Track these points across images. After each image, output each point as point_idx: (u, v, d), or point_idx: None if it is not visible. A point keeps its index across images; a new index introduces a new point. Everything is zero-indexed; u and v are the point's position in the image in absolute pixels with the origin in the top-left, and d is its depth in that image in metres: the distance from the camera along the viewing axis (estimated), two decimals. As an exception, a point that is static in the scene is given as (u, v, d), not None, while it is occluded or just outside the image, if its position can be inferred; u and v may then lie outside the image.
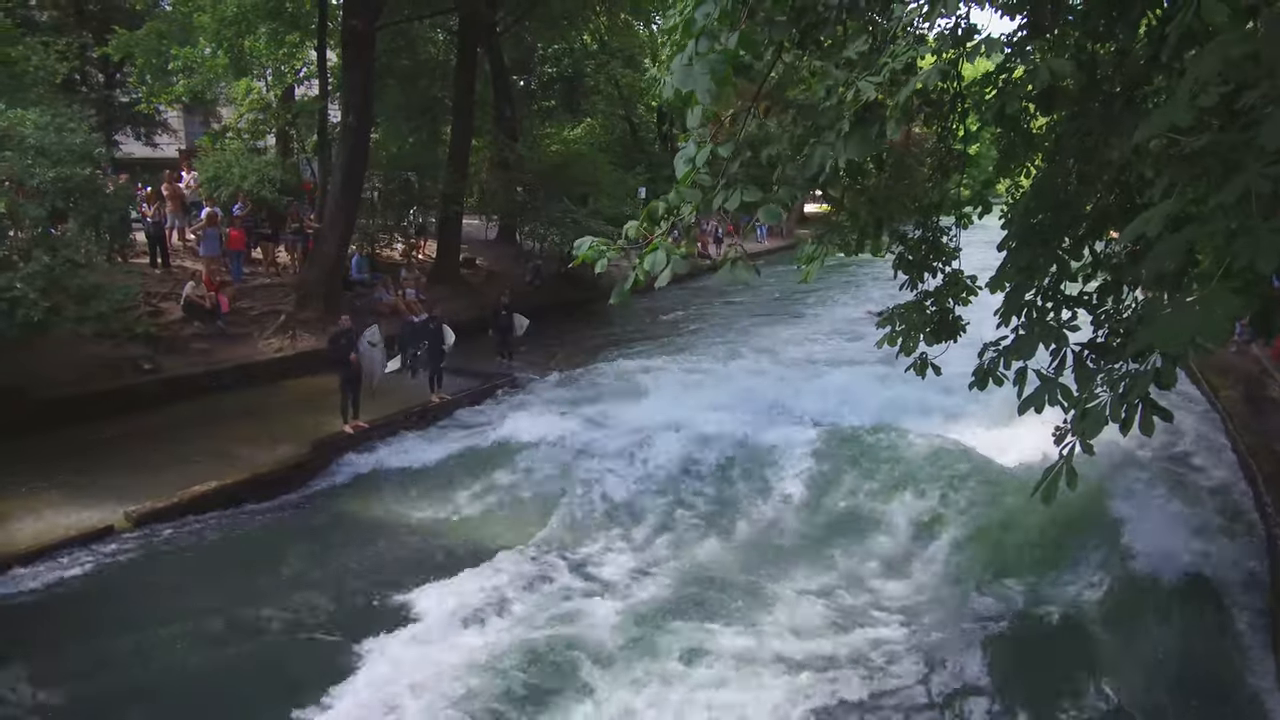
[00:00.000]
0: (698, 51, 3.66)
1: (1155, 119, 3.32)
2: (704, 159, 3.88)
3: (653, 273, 3.83)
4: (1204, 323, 2.70)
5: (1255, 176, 2.55)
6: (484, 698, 8.03)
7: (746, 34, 3.66)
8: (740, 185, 3.83)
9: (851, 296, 30.24)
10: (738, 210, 3.83)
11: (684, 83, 3.67)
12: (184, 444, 13.68)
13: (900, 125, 4.59)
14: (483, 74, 28.67)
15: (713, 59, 3.55)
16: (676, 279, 4.00)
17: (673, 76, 3.73)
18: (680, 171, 4.10)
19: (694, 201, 3.94)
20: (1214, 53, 3.20)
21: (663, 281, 3.81)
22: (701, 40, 3.67)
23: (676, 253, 3.72)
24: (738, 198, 3.80)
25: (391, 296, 21.81)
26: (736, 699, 8.07)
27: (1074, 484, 4.89)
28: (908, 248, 7.35)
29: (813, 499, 12.37)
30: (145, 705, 8.07)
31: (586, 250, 4.06)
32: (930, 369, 7.14)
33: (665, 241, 3.80)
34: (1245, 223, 2.54)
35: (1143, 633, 9.02)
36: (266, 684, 8.32)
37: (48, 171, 13.85)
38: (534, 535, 11.79)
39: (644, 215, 4.07)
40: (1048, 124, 7.62)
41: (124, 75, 30.85)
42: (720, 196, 3.90)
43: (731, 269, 3.86)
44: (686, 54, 3.70)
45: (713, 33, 3.68)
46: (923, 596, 10.19)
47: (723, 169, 3.99)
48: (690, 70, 3.63)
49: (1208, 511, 11.00)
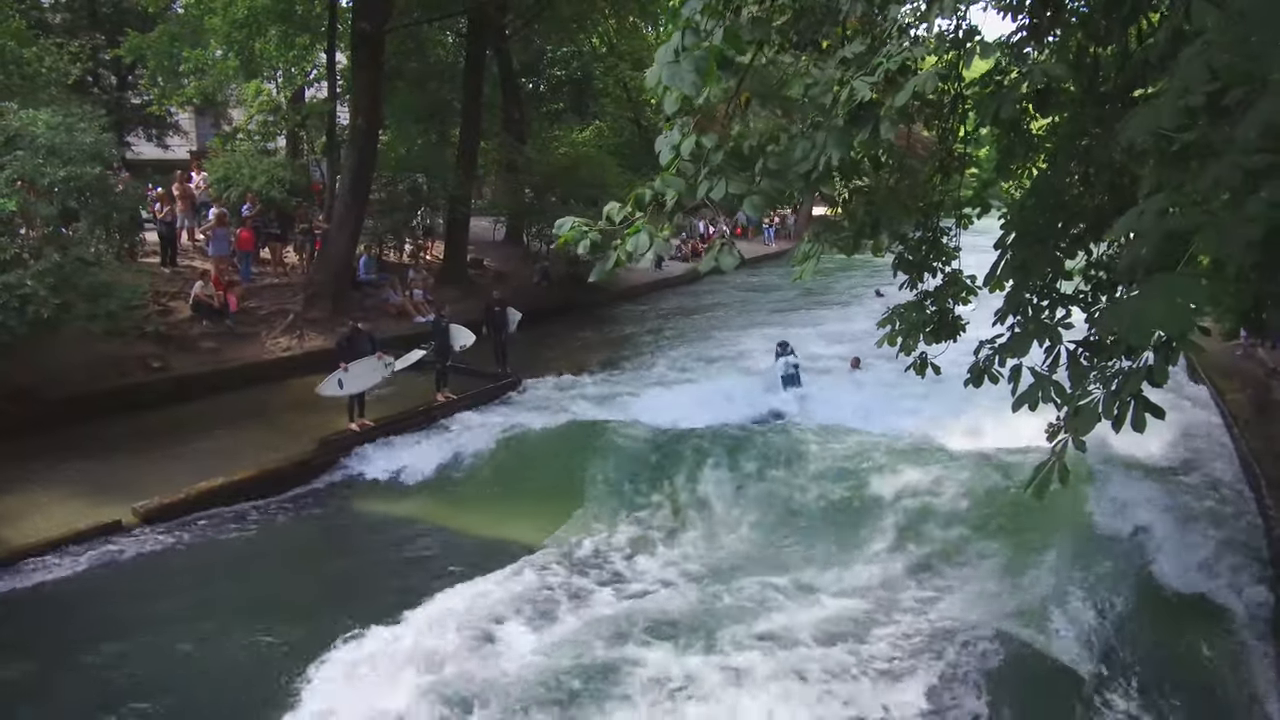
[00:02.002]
0: (684, 45, 3.73)
1: (1142, 119, 3.37)
2: (689, 148, 3.94)
3: (635, 254, 3.88)
4: (1167, 312, 2.73)
5: (1227, 167, 2.59)
6: (496, 694, 8.08)
7: (731, 30, 3.72)
8: (725, 175, 3.89)
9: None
10: (722, 201, 3.89)
11: (671, 79, 3.72)
12: (192, 441, 13.82)
13: (895, 126, 4.64)
14: (491, 77, 28.79)
15: (697, 56, 3.61)
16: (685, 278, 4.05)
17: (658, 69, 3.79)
18: (664, 158, 4.15)
19: (678, 189, 4.00)
20: (1200, 53, 3.25)
21: (646, 263, 3.86)
22: (688, 34, 3.73)
23: (660, 235, 3.78)
24: (723, 188, 3.85)
25: (399, 297, 21.93)
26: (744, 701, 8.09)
27: (1066, 480, 4.92)
28: (907, 247, 7.38)
29: (822, 498, 12.36)
30: (151, 699, 8.12)
31: (569, 231, 4.12)
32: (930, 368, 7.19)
33: (646, 223, 3.85)
34: (1213, 212, 2.58)
35: (1143, 640, 9.00)
36: (272, 678, 8.37)
37: (59, 171, 13.98)
38: (545, 536, 11.82)
39: (630, 200, 4.13)
40: (1048, 125, 7.65)
41: (136, 77, 31.10)
42: (705, 185, 3.95)
43: (716, 256, 3.92)
44: (672, 47, 3.76)
45: (698, 27, 3.74)
46: (919, 597, 10.19)
47: (705, 158, 4.04)
48: (676, 66, 3.69)
49: (1211, 516, 10.98)
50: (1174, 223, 2.71)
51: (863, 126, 4.67)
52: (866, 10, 5.13)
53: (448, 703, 7.92)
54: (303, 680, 8.28)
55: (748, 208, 3.99)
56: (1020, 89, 5.51)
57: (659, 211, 4.04)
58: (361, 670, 8.45)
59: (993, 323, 5.95)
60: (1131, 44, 6.29)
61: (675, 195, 3.99)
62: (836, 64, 4.87)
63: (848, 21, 5.63)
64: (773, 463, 13.23)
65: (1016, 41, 6.33)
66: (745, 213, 4.04)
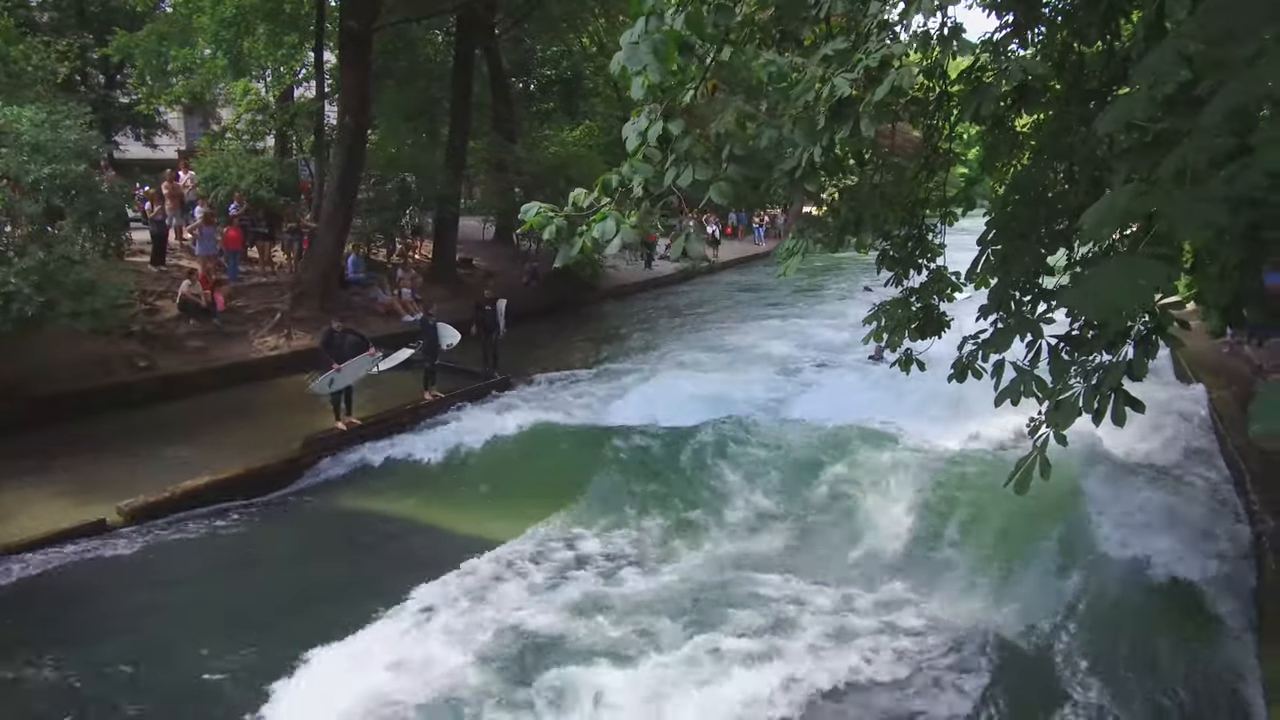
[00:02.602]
0: (645, 30, 3.74)
1: (1115, 111, 3.39)
2: (655, 134, 3.95)
3: (601, 240, 3.88)
4: (1125, 290, 2.75)
5: (1191, 150, 2.61)
6: (475, 688, 8.09)
7: (693, 15, 3.74)
8: (692, 162, 3.90)
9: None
10: (690, 188, 3.90)
11: (630, 60, 3.74)
12: (178, 440, 13.76)
13: (875, 122, 4.65)
14: (481, 76, 28.75)
15: (657, 39, 3.62)
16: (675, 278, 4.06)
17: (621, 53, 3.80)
18: (631, 144, 4.16)
19: (645, 175, 4.00)
20: (1171, 45, 3.27)
21: (612, 250, 3.88)
22: (651, 19, 3.74)
23: (626, 222, 3.78)
24: (689, 174, 3.86)
25: (388, 296, 21.90)
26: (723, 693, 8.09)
27: (1047, 475, 4.95)
28: (892, 244, 7.40)
29: (804, 494, 12.38)
30: (133, 698, 8.08)
31: (534, 216, 4.12)
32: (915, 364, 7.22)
33: (613, 210, 3.86)
34: (1171, 192, 2.60)
35: (1128, 632, 9.03)
36: (252, 678, 8.31)
37: (43, 168, 13.92)
38: (527, 530, 11.80)
39: (598, 186, 4.13)
40: (1033, 123, 7.69)
41: (124, 76, 30.99)
42: (672, 172, 3.96)
43: (685, 243, 3.93)
44: (635, 32, 3.77)
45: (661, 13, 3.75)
46: (906, 595, 10.20)
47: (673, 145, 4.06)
48: (636, 48, 3.70)
49: (1196, 511, 11.03)
50: (1135, 205, 2.72)
51: (844, 123, 4.68)
52: (849, 8, 5.14)
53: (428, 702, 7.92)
54: (283, 680, 8.22)
55: (714, 194, 4.00)
56: (1001, 85, 5.53)
57: (627, 198, 4.05)
58: (342, 669, 8.41)
59: (976, 318, 5.97)
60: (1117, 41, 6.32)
61: (642, 181, 4.00)
62: (818, 61, 4.88)
63: (831, 19, 5.64)
64: (759, 458, 13.23)
65: (1000, 39, 6.35)
66: (712, 199, 4.04)
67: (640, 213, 3.93)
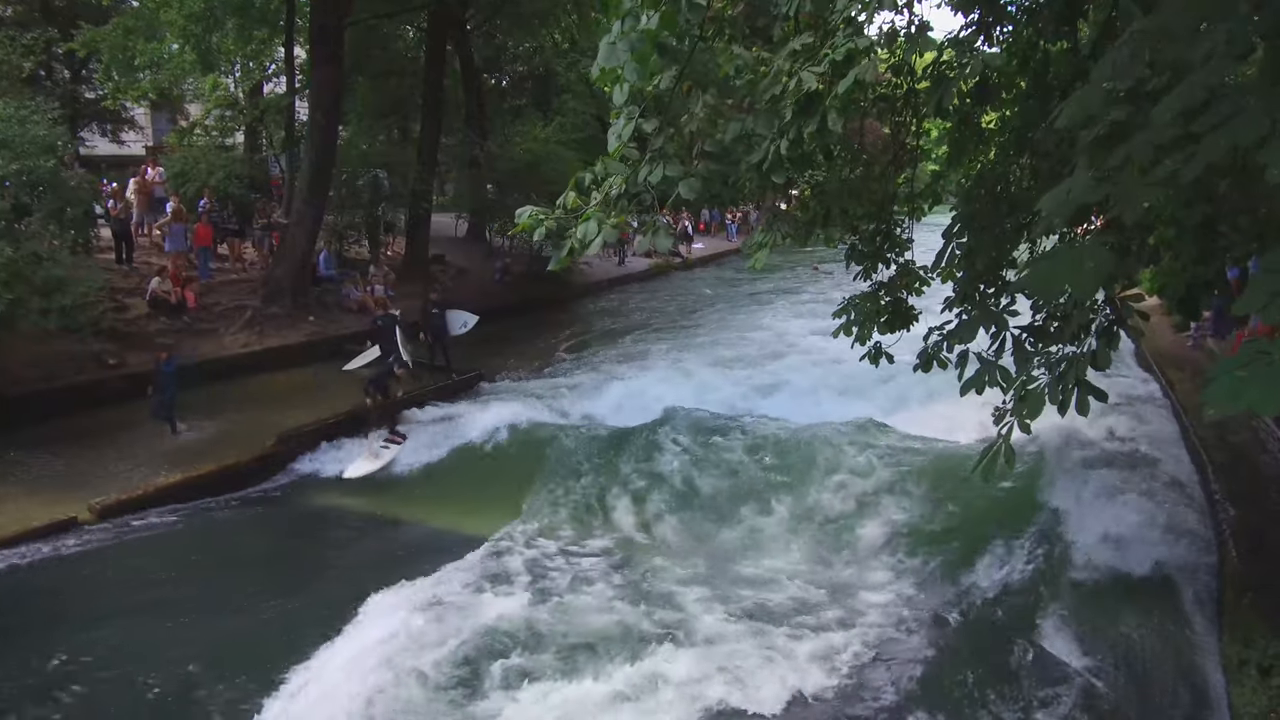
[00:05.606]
0: (622, 31, 3.81)
1: (1073, 106, 3.50)
2: (629, 133, 4.03)
3: (584, 241, 3.96)
4: (1075, 273, 2.85)
5: (1139, 144, 2.71)
6: (445, 686, 8.10)
7: (668, 15, 3.81)
8: (664, 159, 3.98)
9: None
10: (660, 184, 3.97)
11: (608, 60, 3.81)
12: (149, 438, 13.67)
13: (842, 117, 4.74)
14: (453, 72, 28.66)
15: (633, 37, 3.69)
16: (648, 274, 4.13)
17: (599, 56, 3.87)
18: (612, 146, 4.24)
19: (620, 174, 4.08)
20: (1128, 43, 3.38)
21: (593, 250, 3.95)
22: (627, 20, 3.82)
23: (608, 223, 3.86)
24: (660, 172, 3.94)
25: (360, 293, 21.77)
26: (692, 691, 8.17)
27: (1012, 463, 5.06)
28: (861, 238, 7.51)
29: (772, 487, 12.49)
30: (100, 698, 8.03)
31: (526, 219, 4.19)
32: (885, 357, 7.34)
33: (597, 212, 3.93)
34: (1118, 177, 2.70)
35: (1092, 620, 9.19)
36: (226, 676, 8.30)
37: (10, 164, 13.76)
38: (500, 527, 11.84)
39: (571, 185, 4.21)
40: (998, 119, 7.83)
41: (90, 71, 30.53)
42: (645, 170, 4.04)
43: (652, 236, 4.01)
44: (612, 33, 3.84)
45: (637, 15, 3.82)
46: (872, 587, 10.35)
47: (649, 144, 4.14)
48: (613, 48, 3.77)
49: (1160, 500, 11.23)
50: (1083, 194, 2.83)
51: (811, 118, 4.76)
52: (816, 6, 5.22)
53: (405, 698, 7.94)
54: (254, 679, 8.19)
55: (683, 190, 4.08)
56: (962, 81, 5.64)
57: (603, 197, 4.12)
58: (313, 668, 8.38)
59: (941, 309, 6.09)
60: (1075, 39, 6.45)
61: (621, 181, 4.07)
62: (785, 55, 4.97)
63: (800, 16, 5.73)
64: (731, 451, 13.32)
65: (966, 36, 6.47)
66: (681, 194, 4.12)
67: (617, 210, 4.01)
